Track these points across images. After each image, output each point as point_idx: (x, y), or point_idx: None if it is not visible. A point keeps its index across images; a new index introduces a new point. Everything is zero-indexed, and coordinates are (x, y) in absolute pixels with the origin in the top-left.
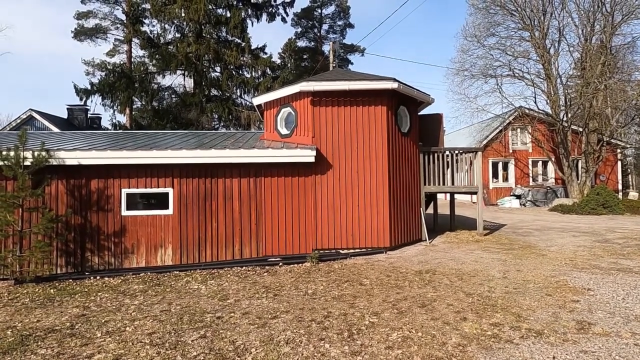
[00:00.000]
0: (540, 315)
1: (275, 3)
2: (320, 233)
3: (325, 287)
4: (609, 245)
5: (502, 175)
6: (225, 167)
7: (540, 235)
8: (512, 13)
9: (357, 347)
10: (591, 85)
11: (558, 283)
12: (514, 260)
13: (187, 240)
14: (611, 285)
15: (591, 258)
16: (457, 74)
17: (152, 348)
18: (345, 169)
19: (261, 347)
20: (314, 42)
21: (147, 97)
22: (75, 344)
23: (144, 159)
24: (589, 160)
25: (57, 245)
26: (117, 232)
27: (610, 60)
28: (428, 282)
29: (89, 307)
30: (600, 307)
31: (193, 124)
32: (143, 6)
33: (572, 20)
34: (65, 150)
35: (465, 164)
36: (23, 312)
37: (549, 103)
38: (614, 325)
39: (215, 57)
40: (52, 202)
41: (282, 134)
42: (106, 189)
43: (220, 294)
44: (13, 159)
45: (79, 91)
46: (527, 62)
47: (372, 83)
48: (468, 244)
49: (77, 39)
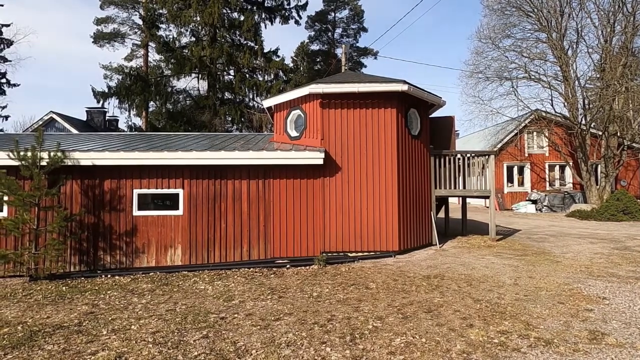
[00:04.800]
0: (550, 324)
1: (289, 6)
2: (328, 236)
3: (330, 290)
4: (629, 252)
5: (518, 180)
6: (235, 169)
7: (556, 241)
8: (528, 14)
9: (358, 352)
10: (611, 88)
11: (572, 291)
12: (526, 267)
13: (197, 241)
14: (628, 294)
15: (608, 266)
16: (471, 77)
17: (154, 347)
18: (354, 171)
19: (262, 348)
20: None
21: (162, 100)
22: (81, 340)
23: (155, 160)
24: (609, 164)
25: (71, 244)
26: (128, 232)
27: (631, 62)
28: (436, 287)
29: (98, 305)
30: (615, 316)
31: (206, 126)
32: (159, 11)
33: (591, 21)
34: (80, 151)
35: (477, 168)
36: (35, 309)
37: (567, 106)
38: (629, 336)
39: (229, 60)
40: (67, 202)
41: (292, 136)
42: (118, 189)
43: (225, 294)
44: (30, 159)
45: (96, 94)
46: (544, 64)
47: (381, 85)
48: (479, 249)
49: (96, 43)
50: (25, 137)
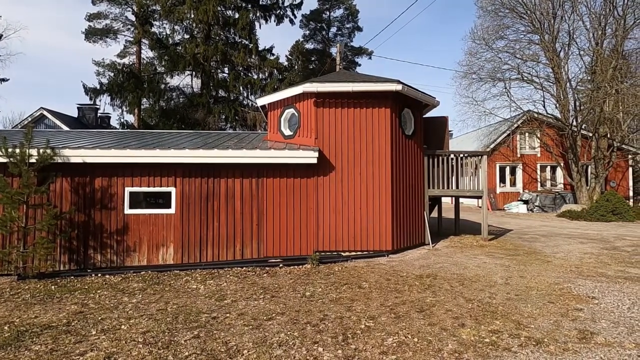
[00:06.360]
0: (541, 324)
1: (284, 5)
2: (321, 235)
3: (323, 289)
4: (617, 253)
5: (510, 180)
6: (228, 167)
7: (547, 241)
8: (522, 16)
9: (350, 352)
10: (602, 90)
11: (562, 290)
12: (517, 266)
13: (189, 240)
14: (617, 294)
15: (598, 266)
16: (464, 77)
17: (144, 347)
18: (347, 170)
19: (254, 348)
20: (321, 44)
21: (155, 97)
22: (70, 341)
23: (147, 158)
24: (599, 166)
25: (61, 242)
26: (119, 230)
27: (622, 65)
28: (428, 286)
29: (87, 305)
30: (604, 316)
31: (200, 124)
32: (153, 7)
33: (582, 24)
34: (70, 148)
35: (470, 168)
36: (22, 308)
37: (558, 107)
38: (617, 335)
39: (223, 58)
40: (57, 200)
41: (286, 135)
42: (110, 187)
43: (218, 294)
44: (18, 156)
45: (88, 91)
46: (537, 66)
47: (375, 85)
48: (472, 248)
49: (88, 40)
50: (14, 133)
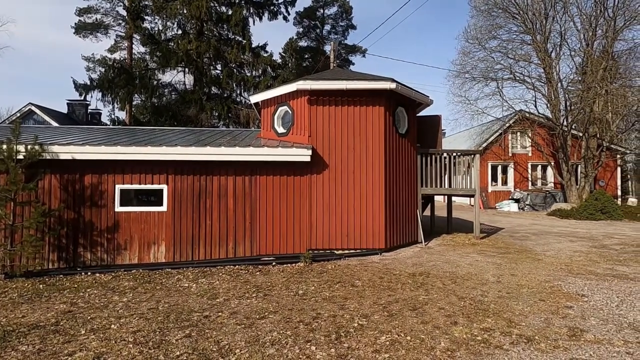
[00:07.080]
0: (532, 321)
1: (277, 2)
2: (314, 233)
3: (316, 287)
4: (606, 251)
5: (502, 179)
6: (221, 165)
7: (537, 239)
8: (514, 16)
9: (343, 350)
10: (592, 90)
11: (552, 288)
12: (509, 265)
13: (181, 238)
14: (606, 291)
15: (587, 264)
16: (457, 76)
17: (135, 347)
18: (341, 169)
19: (246, 348)
20: (315, 42)
21: (146, 94)
22: (58, 340)
23: (138, 155)
24: (589, 165)
25: (49, 240)
26: (110, 228)
27: (611, 66)
28: (421, 284)
29: (77, 304)
30: (593, 313)
31: (192, 121)
32: (144, 2)
33: (574, 25)
34: (59, 145)
35: (463, 167)
36: (9, 307)
37: (550, 107)
38: (606, 332)
39: (216, 55)
40: (45, 197)
41: (279, 132)
42: (100, 185)
43: (210, 292)
44: (5, 152)
45: (78, 86)
46: (528, 66)
47: (369, 83)
48: (464, 247)
49: (78, 34)
50: (1, 129)
